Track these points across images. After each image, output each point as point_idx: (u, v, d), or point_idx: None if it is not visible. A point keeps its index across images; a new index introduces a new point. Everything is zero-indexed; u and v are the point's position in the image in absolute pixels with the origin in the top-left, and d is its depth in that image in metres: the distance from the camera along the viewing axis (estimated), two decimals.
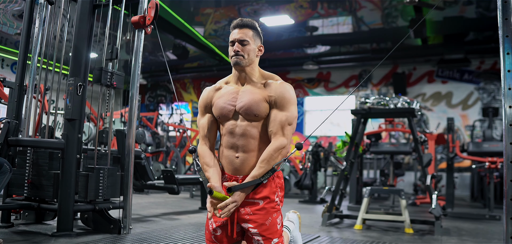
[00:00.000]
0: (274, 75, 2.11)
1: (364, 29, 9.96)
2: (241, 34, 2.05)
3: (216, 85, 2.18)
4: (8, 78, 4.62)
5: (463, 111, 11.39)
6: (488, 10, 8.52)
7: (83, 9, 3.60)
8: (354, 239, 3.79)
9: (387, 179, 6.74)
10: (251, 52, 2.05)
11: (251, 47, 2.05)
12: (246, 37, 2.05)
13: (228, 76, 2.17)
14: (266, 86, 2.05)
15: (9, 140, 3.32)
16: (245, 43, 2.04)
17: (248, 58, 2.04)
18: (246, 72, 2.08)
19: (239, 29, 2.07)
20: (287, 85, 2.05)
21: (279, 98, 2.01)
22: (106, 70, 3.64)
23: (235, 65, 2.06)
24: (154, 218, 4.76)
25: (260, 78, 2.10)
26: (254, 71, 2.10)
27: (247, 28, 2.07)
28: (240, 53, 2.02)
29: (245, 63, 2.04)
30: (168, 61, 12.50)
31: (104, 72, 3.61)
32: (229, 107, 2.05)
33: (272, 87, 2.03)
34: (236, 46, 2.03)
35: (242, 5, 8.80)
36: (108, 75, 3.64)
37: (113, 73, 3.69)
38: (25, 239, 3.20)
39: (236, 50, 2.03)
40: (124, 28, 4.19)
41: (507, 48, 2.31)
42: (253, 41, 2.07)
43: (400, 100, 4.84)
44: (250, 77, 2.08)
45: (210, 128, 2.15)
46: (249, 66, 2.07)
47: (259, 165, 1.96)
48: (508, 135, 2.26)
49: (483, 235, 4.31)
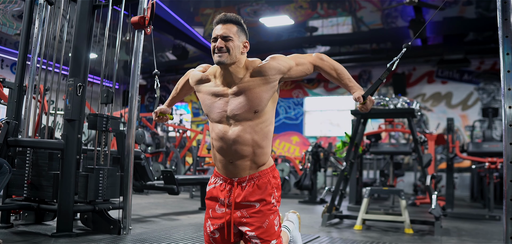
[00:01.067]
0: (256, 59, 2.00)
1: (364, 30, 9.96)
2: (225, 30, 1.93)
3: (205, 75, 2.05)
4: (7, 79, 4.61)
5: (463, 112, 11.40)
6: (488, 10, 8.53)
7: (82, 9, 3.60)
8: (354, 239, 3.79)
9: (387, 179, 6.74)
10: (236, 49, 1.92)
11: (235, 44, 1.92)
12: (230, 33, 1.91)
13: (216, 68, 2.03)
14: (260, 73, 1.93)
15: (9, 141, 3.32)
16: (228, 39, 1.90)
17: (231, 55, 1.91)
18: (231, 71, 1.94)
19: (223, 25, 1.94)
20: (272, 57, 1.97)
21: (285, 65, 1.96)
22: (101, 115, 3.60)
23: (218, 64, 1.93)
24: (154, 218, 4.76)
25: (244, 70, 1.97)
26: (240, 69, 1.96)
27: (231, 23, 1.94)
28: (224, 50, 1.90)
29: (229, 61, 1.91)
30: (168, 61, 12.50)
31: (100, 118, 3.58)
32: (220, 111, 1.96)
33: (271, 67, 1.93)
34: (219, 43, 1.91)
35: (242, 5, 8.80)
36: (104, 120, 3.61)
37: (108, 118, 3.65)
38: (25, 239, 3.20)
39: (219, 47, 1.90)
40: (124, 28, 4.19)
41: (507, 48, 2.31)
42: (237, 37, 1.94)
43: (400, 101, 4.84)
44: (237, 75, 1.95)
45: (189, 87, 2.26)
46: (234, 64, 1.93)
47: (349, 82, 2.03)
48: (508, 135, 2.26)
49: (483, 236, 4.31)
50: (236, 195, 1.99)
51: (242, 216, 1.98)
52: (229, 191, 2.00)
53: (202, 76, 2.06)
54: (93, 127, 3.58)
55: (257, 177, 1.99)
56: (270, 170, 2.02)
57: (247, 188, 1.98)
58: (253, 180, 1.98)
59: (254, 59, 2.00)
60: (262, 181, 1.99)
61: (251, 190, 1.97)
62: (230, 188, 2.00)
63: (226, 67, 1.93)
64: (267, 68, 1.93)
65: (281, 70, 1.96)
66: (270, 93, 1.95)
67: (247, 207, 1.97)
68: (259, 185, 1.98)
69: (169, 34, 9.90)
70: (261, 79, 1.93)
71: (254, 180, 1.98)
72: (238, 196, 1.98)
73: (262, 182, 1.99)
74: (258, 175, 1.99)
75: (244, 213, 1.97)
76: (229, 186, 2.00)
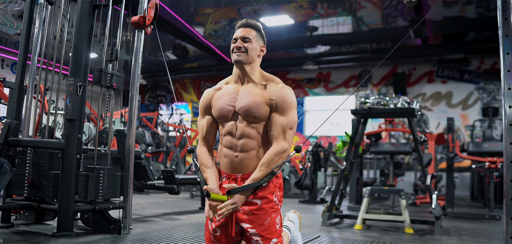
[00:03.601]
0: (275, 78, 2.12)
1: (364, 29, 9.96)
2: (245, 32, 2.10)
3: (216, 86, 2.20)
4: (8, 79, 4.62)
5: (463, 111, 11.40)
6: (488, 10, 8.52)
7: (83, 9, 3.60)
8: (354, 239, 3.79)
9: (387, 179, 6.74)
10: (253, 50, 2.08)
11: (253, 46, 2.08)
12: (249, 36, 2.09)
13: (228, 77, 2.19)
14: (267, 88, 2.05)
15: (9, 140, 3.32)
16: (247, 40, 2.08)
17: (249, 55, 2.07)
18: (247, 71, 2.09)
19: (243, 28, 2.12)
20: (288, 89, 2.06)
21: (280, 102, 2.02)
22: (106, 71, 3.64)
23: (235, 62, 2.08)
24: (154, 218, 4.76)
25: (261, 79, 2.11)
26: (255, 71, 2.11)
27: (251, 28, 2.12)
28: (242, 49, 2.06)
29: (246, 60, 2.06)
30: (168, 61, 12.51)
31: (104, 73, 3.61)
32: (229, 107, 2.05)
33: (273, 90, 2.04)
34: (239, 42, 2.07)
35: (242, 5, 8.80)
36: (108, 76, 3.64)
37: (113, 74, 3.69)
38: (25, 239, 3.20)
39: (238, 46, 2.06)
40: (124, 28, 4.19)
41: (507, 47, 2.31)
42: (255, 41, 2.11)
43: (400, 100, 4.84)
44: (251, 76, 2.09)
45: (209, 130, 2.16)
46: (250, 65, 2.09)
47: (259, 168, 1.97)
48: (508, 134, 2.26)
49: (483, 235, 4.31)
50: None
51: (244, 213, 2.00)
52: None
53: (214, 88, 2.19)
54: (97, 82, 3.60)
55: None
56: None
57: None
58: None
59: (275, 77, 2.13)
60: None
61: None
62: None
63: (242, 66, 2.08)
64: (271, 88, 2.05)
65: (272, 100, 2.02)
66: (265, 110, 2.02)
67: (249, 205, 2.00)
68: None
69: (169, 34, 9.90)
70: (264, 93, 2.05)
71: None
72: None
73: None
74: None
75: (246, 210, 2.00)
76: (233, 183, 2.03)
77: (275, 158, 1.97)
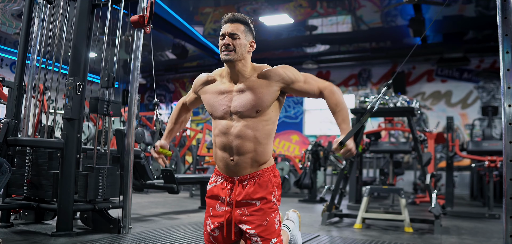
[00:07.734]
0: (265, 65, 2.06)
1: (364, 28, 9.96)
2: (232, 28, 1.99)
3: (211, 76, 2.12)
4: (7, 78, 4.61)
5: (462, 110, 11.40)
6: (487, 8, 8.52)
7: (82, 8, 3.59)
8: (353, 238, 3.79)
9: (386, 178, 6.74)
10: (242, 47, 1.99)
11: (241, 42, 1.99)
12: (237, 32, 1.99)
13: (223, 69, 2.11)
14: (265, 76, 2.00)
15: (9, 140, 3.32)
16: (235, 37, 1.98)
17: (238, 53, 1.98)
18: (238, 69, 2.01)
19: (231, 23, 2.01)
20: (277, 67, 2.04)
21: (287, 76, 2.00)
22: (102, 99, 3.60)
23: (225, 62, 2.00)
24: (154, 217, 4.76)
25: (252, 71, 2.03)
26: (246, 68, 2.03)
27: (239, 22, 2.01)
28: (231, 48, 1.97)
29: (235, 58, 1.98)
30: (168, 60, 12.50)
31: (101, 101, 3.58)
32: (223, 107, 2.00)
33: (275, 73, 2.00)
34: (226, 40, 1.98)
35: (242, 4, 8.80)
36: (105, 104, 3.61)
37: (109, 101, 3.65)
38: (25, 238, 3.20)
39: (226, 44, 1.97)
40: (124, 28, 4.18)
41: (506, 46, 2.31)
42: (244, 36, 2.01)
43: (399, 99, 4.84)
44: (243, 74, 2.02)
45: (192, 102, 2.25)
46: (240, 62, 2.00)
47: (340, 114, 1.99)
48: (508, 133, 2.26)
49: (483, 234, 4.31)
50: (237, 193, 2.00)
51: (242, 214, 1.99)
52: (230, 189, 2.02)
53: (208, 77, 2.14)
54: (94, 111, 3.58)
55: (258, 175, 2.00)
56: (271, 169, 2.05)
57: (248, 186, 2.00)
58: (254, 178, 2.00)
59: (264, 64, 2.08)
60: (263, 180, 2.01)
61: (252, 188, 1.99)
62: (231, 186, 2.02)
63: (233, 64, 2.01)
64: (272, 73, 2.01)
65: (284, 79, 2.01)
66: (271, 97, 2.00)
67: (248, 205, 1.99)
68: (260, 183, 2.00)
69: (168, 33, 9.89)
70: (265, 81, 2.00)
71: (255, 178, 2.00)
72: (239, 194, 2.00)
73: (263, 180, 2.01)
74: (259, 173, 2.01)
75: (244, 211, 1.99)
76: (230, 185, 2.02)
77: (338, 97, 2.01)
